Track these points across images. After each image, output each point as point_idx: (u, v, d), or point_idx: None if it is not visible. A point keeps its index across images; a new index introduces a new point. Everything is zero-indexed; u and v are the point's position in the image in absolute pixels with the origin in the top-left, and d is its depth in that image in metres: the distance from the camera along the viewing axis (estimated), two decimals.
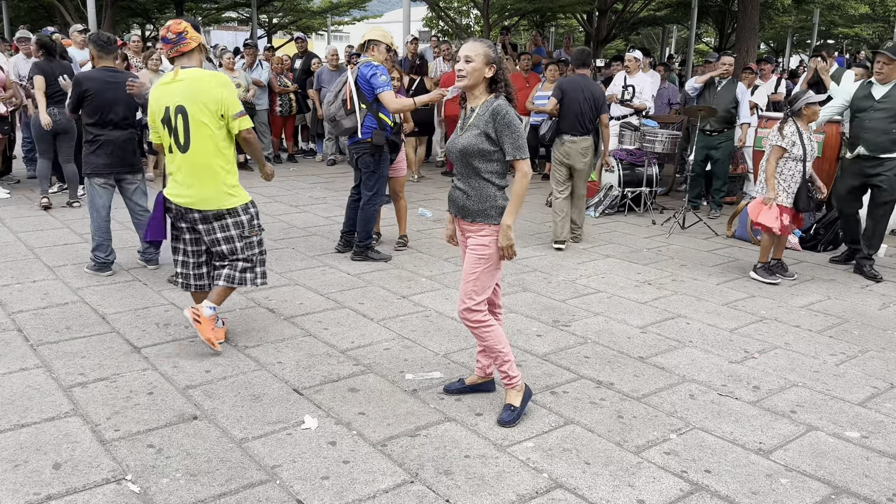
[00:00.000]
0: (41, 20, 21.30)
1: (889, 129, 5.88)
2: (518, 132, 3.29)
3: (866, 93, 6.03)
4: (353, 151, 6.03)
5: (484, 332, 3.43)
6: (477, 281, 3.38)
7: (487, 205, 3.35)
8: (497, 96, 3.34)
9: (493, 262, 3.38)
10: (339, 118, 5.86)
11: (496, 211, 3.35)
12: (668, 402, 3.73)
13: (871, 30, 28.78)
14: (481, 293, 3.40)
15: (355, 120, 5.82)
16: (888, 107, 5.89)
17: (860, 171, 6.08)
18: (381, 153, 5.95)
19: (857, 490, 3.01)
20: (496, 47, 3.39)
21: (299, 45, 12.38)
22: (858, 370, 4.22)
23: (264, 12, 25.18)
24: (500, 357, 3.47)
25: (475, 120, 3.33)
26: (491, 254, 3.37)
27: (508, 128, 3.26)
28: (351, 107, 5.81)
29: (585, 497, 2.91)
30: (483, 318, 3.42)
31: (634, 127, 8.60)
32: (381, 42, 5.87)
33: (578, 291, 5.52)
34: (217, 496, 2.84)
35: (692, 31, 20.31)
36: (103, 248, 5.51)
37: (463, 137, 3.36)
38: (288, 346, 4.30)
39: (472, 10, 23.72)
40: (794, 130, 5.74)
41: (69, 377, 3.81)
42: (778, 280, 5.90)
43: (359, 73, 5.80)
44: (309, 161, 11.73)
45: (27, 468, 2.98)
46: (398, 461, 3.11)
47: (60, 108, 7.39)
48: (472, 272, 3.39)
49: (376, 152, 5.91)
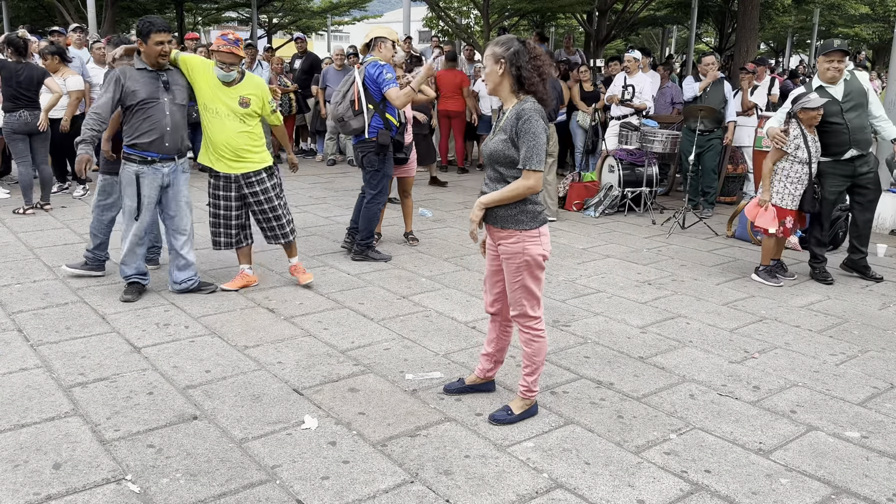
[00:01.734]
0: (41, 20, 21.31)
1: (865, 124, 5.82)
2: (536, 140, 3.11)
3: (826, 97, 5.75)
4: (358, 151, 6.03)
5: (531, 338, 3.40)
6: (523, 289, 3.32)
7: (517, 209, 3.24)
8: (525, 99, 3.20)
9: (532, 266, 3.29)
10: (347, 119, 5.85)
11: (527, 216, 3.24)
12: (668, 402, 3.73)
13: (871, 30, 28.80)
14: (531, 299, 3.34)
15: (363, 120, 5.82)
16: (854, 101, 5.77)
17: (850, 173, 5.86)
18: (385, 152, 5.96)
19: (857, 490, 3.01)
20: (514, 43, 3.19)
21: (299, 45, 12.39)
22: (858, 370, 4.22)
23: (264, 12, 25.19)
24: (531, 367, 3.45)
25: (504, 123, 3.23)
26: (526, 261, 3.27)
27: (527, 134, 3.12)
28: (359, 107, 5.80)
29: (585, 497, 2.91)
30: (537, 325, 3.39)
31: (634, 127, 8.61)
32: (388, 39, 5.87)
33: (578, 291, 5.52)
34: (217, 496, 2.84)
35: (692, 31, 20.33)
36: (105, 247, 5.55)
37: (492, 142, 3.26)
38: (288, 346, 4.30)
39: (472, 10, 23.70)
40: (799, 133, 5.69)
41: (69, 377, 3.81)
42: (781, 283, 5.87)
43: (366, 74, 5.80)
44: (309, 161, 11.73)
45: (27, 468, 2.98)
46: (398, 461, 3.11)
47: (32, 111, 7.29)
48: (515, 281, 3.32)
49: (381, 151, 5.92)
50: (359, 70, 5.89)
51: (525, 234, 3.25)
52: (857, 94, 5.81)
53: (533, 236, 3.27)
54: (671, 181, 9.95)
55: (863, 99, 5.82)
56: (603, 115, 9.73)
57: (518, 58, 3.16)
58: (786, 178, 5.78)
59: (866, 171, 5.87)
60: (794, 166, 5.72)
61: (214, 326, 4.57)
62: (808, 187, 5.74)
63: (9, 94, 7.18)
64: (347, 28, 40.77)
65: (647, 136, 8.27)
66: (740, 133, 9.07)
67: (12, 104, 7.19)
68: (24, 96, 7.21)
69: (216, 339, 4.38)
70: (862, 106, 5.82)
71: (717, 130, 8.21)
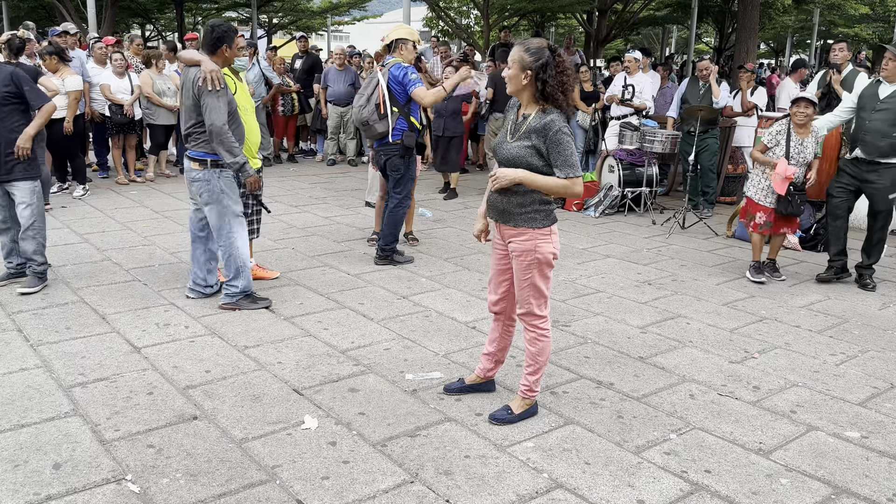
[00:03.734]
0: (41, 20, 21.29)
1: (889, 132, 5.57)
2: (568, 150, 3.15)
3: (873, 91, 5.72)
4: (380, 154, 5.92)
5: (536, 337, 3.41)
6: (532, 287, 3.33)
7: (533, 208, 3.25)
8: (548, 110, 3.19)
9: (543, 265, 3.30)
10: (373, 122, 5.75)
11: (541, 214, 3.26)
12: (668, 402, 3.73)
13: (871, 30, 28.79)
14: (539, 298, 3.35)
15: (388, 124, 5.74)
16: (890, 108, 5.58)
17: (856, 174, 5.80)
18: (410, 155, 5.88)
19: (857, 490, 3.01)
20: (544, 54, 3.15)
21: (300, 44, 12.39)
22: (858, 370, 4.22)
23: (264, 12, 25.19)
24: (533, 367, 3.45)
25: (527, 130, 3.21)
26: (537, 258, 3.29)
27: (559, 146, 3.14)
28: (384, 111, 5.71)
29: (585, 497, 2.91)
30: (542, 325, 3.39)
31: (634, 127, 8.61)
32: (409, 40, 5.80)
33: (578, 291, 5.52)
34: (217, 496, 2.84)
35: (692, 31, 20.34)
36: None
37: (513, 146, 3.24)
38: (288, 346, 4.30)
39: (472, 10, 23.71)
40: (782, 130, 5.77)
41: (69, 377, 3.81)
42: (762, 279, 5.88)
43: (390, 75, 5.72)
44: (309, 161, 11.73)
45: (27, 468, 2.98)
46: (398, 461, 3.11)
47: None
48: (525, 279, 3.33)
49: (406, 154, 5.84)
50: (382, 72, 5.79)
51: (537, 231, 3.27)
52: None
53: (545, 234, 3.29)
54: (671, 181, 9.95)
55: None
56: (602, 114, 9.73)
57: (545, 71, 3.15)
58: (760, 173, 5.87)
59: (873, 181, 5.70)
60: None
61: (214, 326, 4.57)
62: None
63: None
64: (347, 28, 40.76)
65: (646, 136, 8.27)
66: (740, 133, 9.07)
67: None
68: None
69: (216, 339, 4.39)
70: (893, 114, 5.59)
71: (711, 130, 8.21)
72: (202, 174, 4.70)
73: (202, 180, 4.70)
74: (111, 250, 6.19)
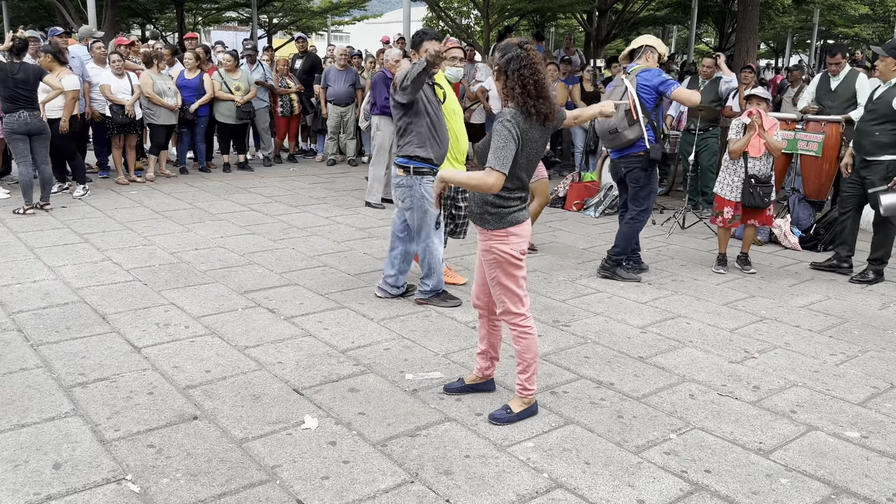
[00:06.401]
0: (41, 20, 21.29)
1: (872, 131, 5.78)
2: (499, 141, 3.13)
3: (872, 92, 5.99)
4: (620, 166, 5.76)
5: (519, 335, 3.43)
6: (500, 286, 3.39)
7: (481, 209, 3.33)
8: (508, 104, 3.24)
9: (503, 264, 3.34)
10: (622, 129, 5.57)
11: (491, 216, 3.31)
12: (668, 402, 3.73)
13: (871, 30, 28.80)
14: (511, 296, 3.39)
15: (639, 130, 5.56)
16: (875, 108, 5.80)
17: (858, 171, 6.00)
18: (653, 167, 5.71)
19: (857, 490, 3.01)
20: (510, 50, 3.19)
21: (300, 45, 12.38)
22: (858, 370, 4.22)
23: (264, 12, 25.18)
24: (522, 365, 3.47)
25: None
26: (495, 258, 3.34)
27: (493, 136, 3.17)
28: (636, 116, 5.55)
29: (585, 497, 2.91)
30: (522, 322, 3.42)
31: None
32: (657, 50, 5.73)
33: (578, 291, 5.52)
34: (217, 496, 2.84)
35: (692, 31, 20.34)
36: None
37: (482, 140, 3.34)
38: (288, 346, 4.30)
39: (472, 10, 23.71)
40: (740, 123, 6.01)
41: (69, 377, 3.81)
42: (722, 271, 6.10)
43: (638, 82, 5.58)
44: (309, 161, 11.73)
45: (27, 468, 2.98)
46: (398, 461, 3.11)
47: (31, 111, 7.25)
48: (492, 278, 3.40)
49: (650, 167, 5.67)
50: (627, 79, 5.65)
51: (492, 233, 3.33)
52: (883, 105, 5.74)
53: (499, 236, 3.33)
54: (671, 181, 9.95)
55: (888, 111, 5.70)
56: None
57: (508, 65, 3.19)
58: (725, 168, 6.04)
59: (865, 177, 5.86)
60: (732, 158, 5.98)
61: (214, 326, 4.57)
62: (745, 181, 5.92)
63: (7, 95, 7.14)
64: (347, 28, 40.75)
65: None
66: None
67: (11, 105, 7.16)
68: (22, 96, 7.18)
69: (216, 339, 4.39)
70: (879, 114, 5.73)
71: (711, 129, 8.22)
72: (405, 180, 4.86)
73: (405, 186, 4.87)
74: (111, 250, 6.19)
